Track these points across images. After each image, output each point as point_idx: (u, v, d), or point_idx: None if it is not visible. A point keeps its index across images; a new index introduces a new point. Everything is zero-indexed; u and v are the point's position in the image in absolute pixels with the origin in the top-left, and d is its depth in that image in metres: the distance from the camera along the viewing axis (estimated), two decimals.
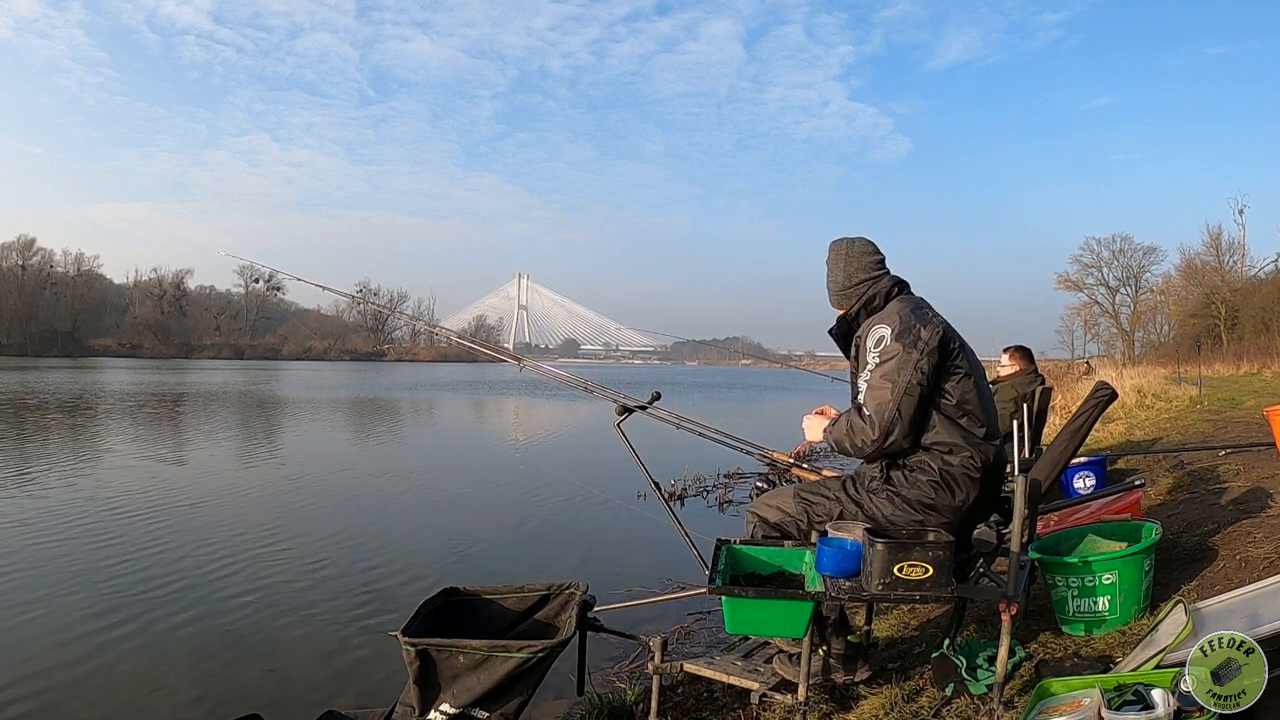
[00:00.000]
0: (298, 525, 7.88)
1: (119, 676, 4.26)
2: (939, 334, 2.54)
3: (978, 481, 2.49)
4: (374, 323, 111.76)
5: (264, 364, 76.54)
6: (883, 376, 2.49)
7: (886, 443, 2.48)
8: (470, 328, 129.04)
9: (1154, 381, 16.68)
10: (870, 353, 2.57)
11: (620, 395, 3.58)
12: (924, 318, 2.58)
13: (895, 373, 2.48)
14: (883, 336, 2.55)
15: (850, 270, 2.76)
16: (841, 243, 2.83)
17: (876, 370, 2.52)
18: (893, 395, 2.46)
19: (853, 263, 2.77)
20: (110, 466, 11.30)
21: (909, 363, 2.48)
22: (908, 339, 2.51)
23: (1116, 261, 58.20)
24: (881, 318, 2.63)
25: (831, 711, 2.72)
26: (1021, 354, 5.74)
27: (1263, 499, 4.01)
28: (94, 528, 7.45)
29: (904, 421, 2.47)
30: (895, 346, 2.50)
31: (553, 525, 8.29)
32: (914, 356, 2.48)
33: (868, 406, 2.50)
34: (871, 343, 2.58)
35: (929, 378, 2.49)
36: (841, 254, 2.80)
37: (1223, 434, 7.80)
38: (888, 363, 2.50)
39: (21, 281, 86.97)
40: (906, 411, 2.47)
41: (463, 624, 2.94)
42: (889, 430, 2.47)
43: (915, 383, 2.47)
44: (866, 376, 2.55)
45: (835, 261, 2.81)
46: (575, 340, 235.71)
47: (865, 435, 2.50)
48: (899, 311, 2.61)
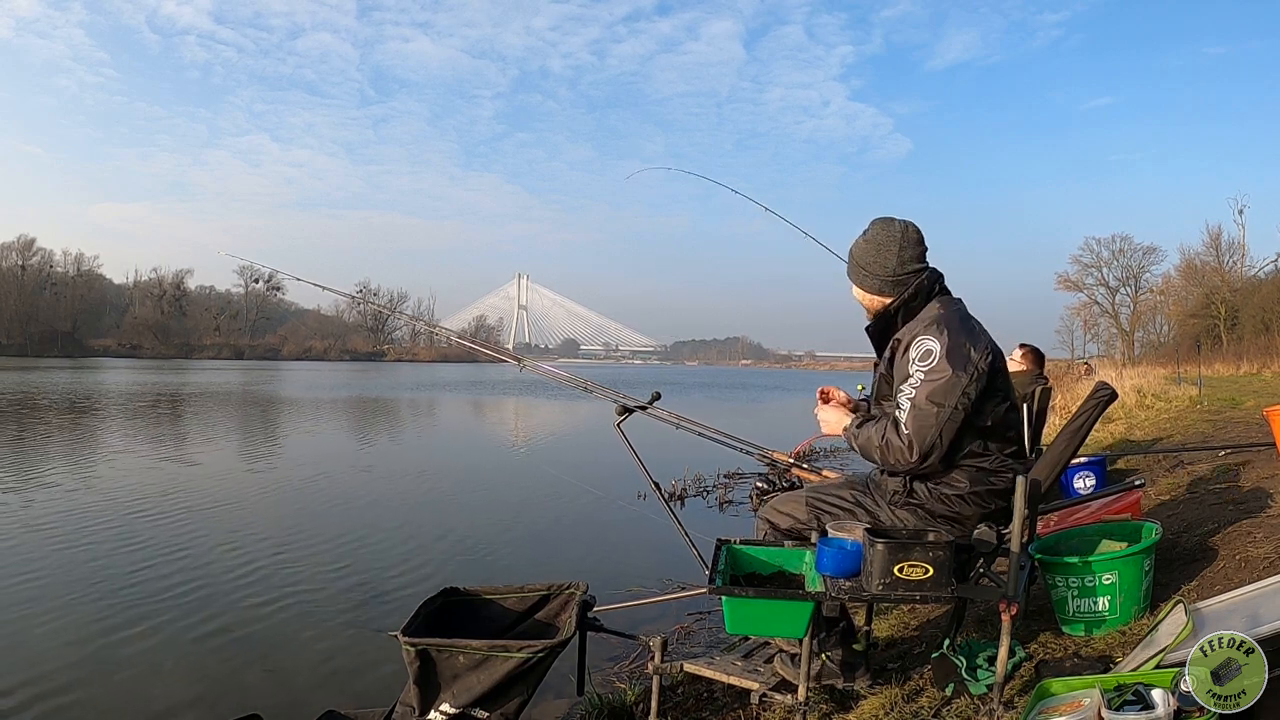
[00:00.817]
0: (298, 525, 7.88)
1: (119, 676, 4.26)
2: (989, 357, 2.41)
3: (1001, 495, 2.45)
4: (374, 323, 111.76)
5: (264, 364, 76.52)
6: (928, 398, 2.34)
7: (923, 465, 2.39)
8: (470, 328, 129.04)
9: (1154, 381, 16.67)
10: (914, 365, 2.39)
11: (620, 395, 3.58)
12: (974, 336, 2.44)
13: (942, 397, 2.34)
14: (930, 351, 2.38)
15: (904, 257, 2.52)
16: (894, 222, 2.56)
17: (921, 389, 2.36)
18: (937, 421, 2.33)
19: (907, 249, 2.52)
20: (110, 467, 11.30)
21: (957, 387, 2.34)
22: (958, 360, 2.35)
23: (1116, 261, 58.28)
24: (928, 328, 2.43)
25: (831, 711, 2.72)
26: (1033, 355, 5.76)
27: (1263, 499, 4.01)
28: (94, 528, 7.45)
29: (944, 446, 2.36)
30: (944, 367, 2.35)
31: (553, 525, 8.30)
32: (963, 381, 2.34)
33: (908, 426, 2.36)
34: (916, 355, 2.40)
35: (974, 402, 2.38)
36: (896, 235, 2.53)
37: (1223, 434, 7.80)
38: (935, 384, 2.35)
39: (21, 281, 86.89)
40: (948, 436, 2.36)
41: (463, 624, 2.94)
42: (927, 454, 2.36)
43: (960, 408, 2.35)
44: (909, 393, 2.38)
45: (886, 242, 2.53)
46: (575, 340, 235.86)
47: (902, 456, 2.38)
48: (947, 323, 2.43)
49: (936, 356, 2.37)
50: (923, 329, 2.44)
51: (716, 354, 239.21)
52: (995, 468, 2.45)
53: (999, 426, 2.46)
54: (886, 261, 2.53)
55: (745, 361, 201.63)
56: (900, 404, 2.41)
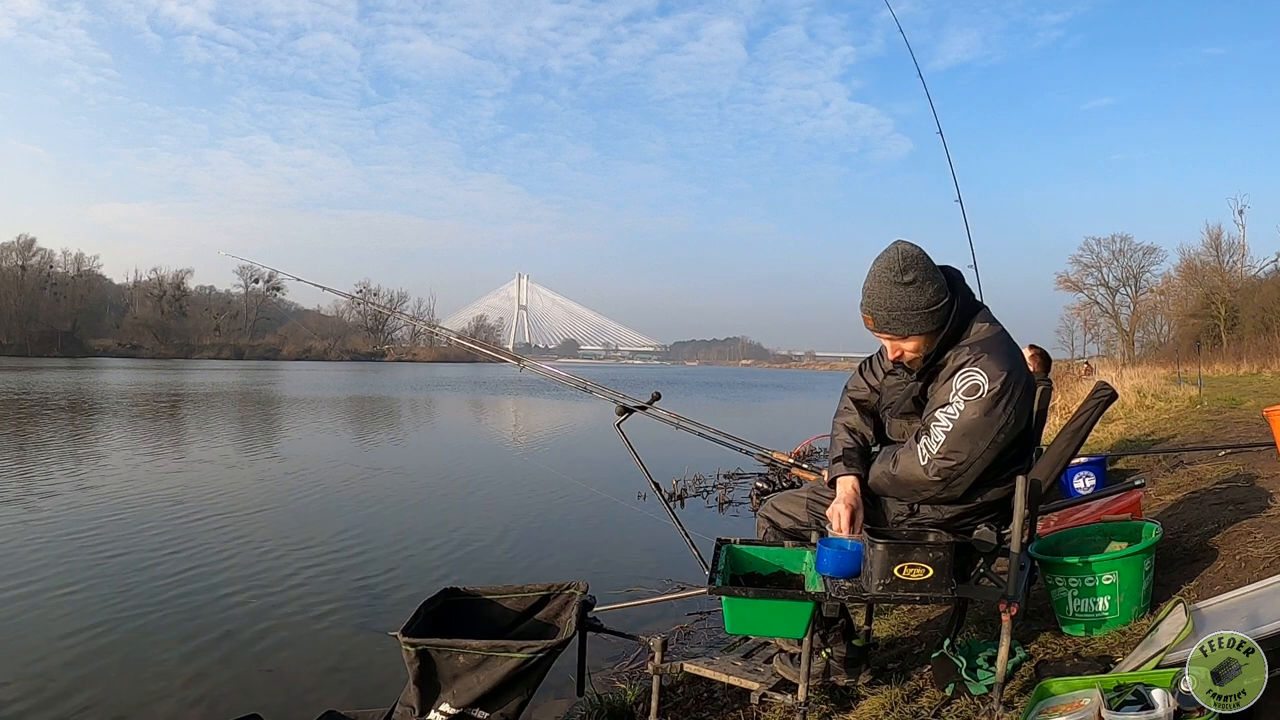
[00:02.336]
0: (297, 525, 7.88)
1: (120, 676, 4.26)
2: (1030, 398, 2.35)
3: (1000, 501, 2.43)
4: (374, 323, 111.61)
5: (264, 364, 76.51)
6: (964, 435, 2.26)
7: (941, 495, 2.36)
8: (470, 328, 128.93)
9: (1154, 381, 16.65)
10: (956, 395, 2.28)
11: (620, 395, 3.58)
12: (1020, 373, 2.32)
13: (979, 435, 2.26)
14: (977, 386, 2.26)
15: (933, 272, 2.34)
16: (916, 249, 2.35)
17: (959, 423, 2.26)
18: (969, 457, 2.27)
19: (924, 260, 2.34)
20: (110, 467, 11.29)
21: (994, 427, 2.26)
22: (1002, 401, 2.25)
23: (1116, 261, 58.20)
24: (978, 359, 2.29)
25: (831, 711, 2.72)
26: (1041, 358, 5.78)
27: (1263, 499, 4.00)
28: (93, 528, 7.45)
29: (969, 481, 2.32)
30: (987, 406, 2.25)
31: (553, 525, 8.30)
32: (1001, 422, 2.26)
33: (934, 454, 2.29)
34: (961, 386, 2.28)
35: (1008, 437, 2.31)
36: (931, 263, 2.35)
37: (1223, 434, 7.80)
38: (973, 421, 2.26)
39: (21, 281, 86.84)
40: (975, 473, 2.30)
41: (463, 624, 2.94)
42: (950, 484, 2.32)
43: (994, 446, 2.28)
44: (945, 425, 2.28)
45: (932, 274, 2.33)
46: (575, 340, 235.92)
47: (923, 486, 2.34)
48: (997, 358, 2.30)
49: (983, 394, 2.26)
50: (971, 359, 2.31)
51: (716, 354, 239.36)
52: (1002, 484, 2.41)
53: (1015, 444, 2.40)
54: (940, 286, 2.34)
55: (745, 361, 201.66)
56: (931, 430, 2.32)
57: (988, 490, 2.41)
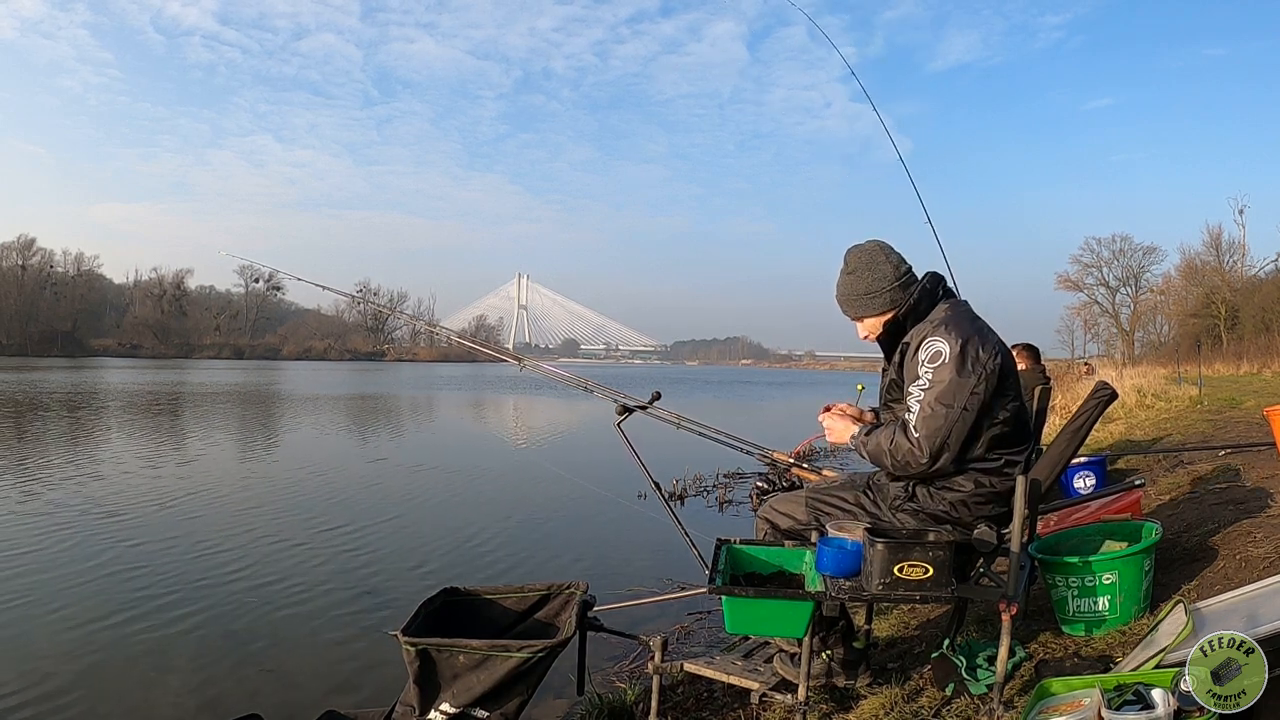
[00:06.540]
0: (297, 525, 7.88)
1: (119, 676, 4.26)
2: (998, 357, 2.41)
3: (1001, 499, 2.44)
4: (374, 323, 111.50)
5: (264, 364, 76.49)
6: (937, 399, 2.34)
7: (934, 468, 2.39)
8: (470, 327, 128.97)
9: (1154, 381, 16.65)
10: (923, 367, 2.40)
11: (620, 395, 3.58)
12: (983, 336, 2.43)
13: (951, 398, 2.34)
14: (939, 353, 2.38)
15: (894, 260, 2.56)
16: (865, 243, 2.61)
17: (930, 391, 2.36)
18: (947, 421, 2.34)
19: (893, 255, 2.56)
20: (111, 467, 11.29)
21: (966, 388, 2.34)
22: (967, 361, 2.35)
23: (1116, 261, 58.18)
24: (936, 329, 2.43)
25: (831, 711, 2.72)
26: (1029, 353, 5.77)
27: (1263, 499, 4.00)
28: (94, 528, 7.46)
29: (954, 448, 2.36)
30: (953, 368, 2.35)
31: (553, 525, 8.30)
32: (971, 382, 2.34)
33: (918, 429, 2.37)
34: (925, 356, 2.40)
35: (984, 404, 2.37)
36: (876, 250, 2.58)
37: (1223, 434, 7.80)
38: (944, 385, 2.35)
39: (21, 281, 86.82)
40: (958, 438, 2.36)
41: (463, 624, 2.94)
42: (937, 455, 2.36)
43: (970, 409, 2.34)
44: (918, 395, 2.38)
45: (872, 261, 2.56)
46: (575, 340, 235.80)
47: (913, 458, 2.38)
48: (955, 324, 2.43)
49: (945, 358, 2.36)
50: (931, 330, 2.44)
51: (717, 354, 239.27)
52: (999, 471, 2.44)
53: (1009, 427, 2.44)
54: (884, 274, 2.54)
55: (745, 361, 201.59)
56: (910, 406, 2.41)
57: (983, 472, 2.43)
